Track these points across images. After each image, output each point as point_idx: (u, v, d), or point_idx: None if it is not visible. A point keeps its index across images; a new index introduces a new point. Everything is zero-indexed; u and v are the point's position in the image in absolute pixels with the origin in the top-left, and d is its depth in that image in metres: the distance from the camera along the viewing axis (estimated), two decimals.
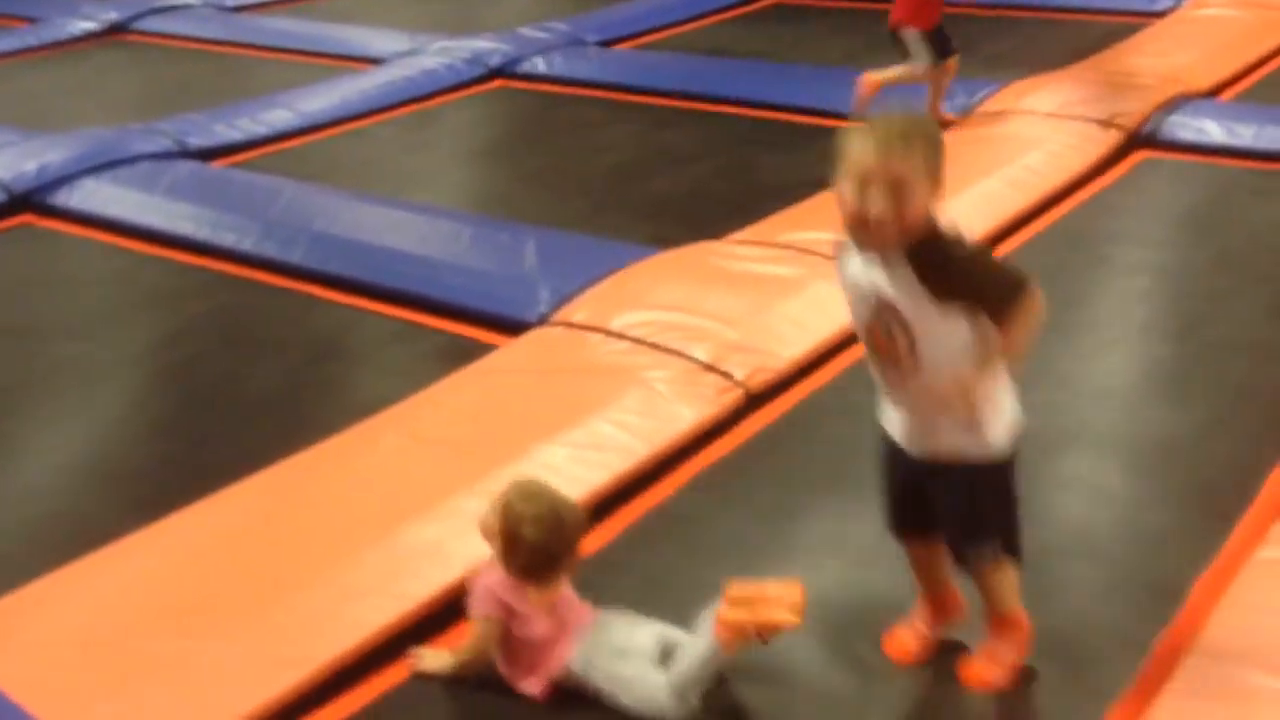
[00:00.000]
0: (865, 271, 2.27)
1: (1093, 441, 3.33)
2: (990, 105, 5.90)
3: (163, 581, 2.77)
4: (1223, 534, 2.85)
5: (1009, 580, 2.44)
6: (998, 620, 2.47)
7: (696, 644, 2.37)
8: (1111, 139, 5.40)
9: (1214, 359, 3.73)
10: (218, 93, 7.10)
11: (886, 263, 2.23)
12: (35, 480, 3.47)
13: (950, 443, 2.32)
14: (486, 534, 2.53)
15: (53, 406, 3.85)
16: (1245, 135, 5.33)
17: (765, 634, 2.33)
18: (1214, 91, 6.11)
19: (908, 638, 2.57)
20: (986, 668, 2.47)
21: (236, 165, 5.91)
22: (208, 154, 5.94)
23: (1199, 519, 2.94)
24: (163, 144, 5.87)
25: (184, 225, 4.97)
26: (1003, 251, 4.52)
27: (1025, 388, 3.64)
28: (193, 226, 4.94)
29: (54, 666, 2.51)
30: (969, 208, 4.68)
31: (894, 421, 2.42)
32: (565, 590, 2.54)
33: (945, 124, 5.59)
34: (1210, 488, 3.07)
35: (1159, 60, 6.31)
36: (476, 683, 2.52)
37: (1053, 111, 5.64)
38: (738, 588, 2.40)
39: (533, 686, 2.48)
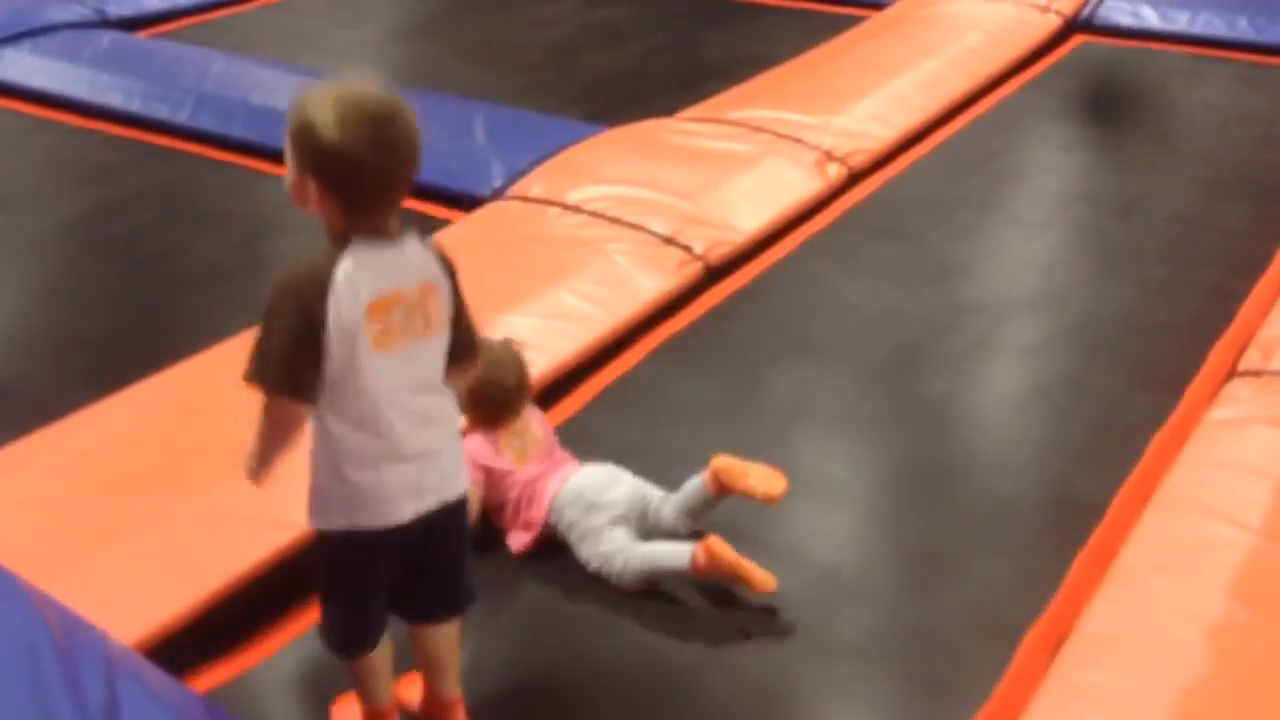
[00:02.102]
0: None
1: (1044, 312, 3.41)
2: None
3: (134, 448, 2.73)
4: (1174, 398, 2.96)
5: (349, 670, 2.07)
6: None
7: (672, 554, 2.38)
8: (1050, 23, 5.45)
9: (1158, 233, 3.83)
10: None
11: None
12: None
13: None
14: None
15: None
16: (1180, 20, 5.42)
17: (738, 583, 2.35)
18: None
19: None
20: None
21: (159, 36, 5.70)
22: (128, 24, 5.73)
23: (1151, 385, 3.05)
24: (81, 12, 5.64)
25: (113, 97, 4.79)
26: (949, 132, 4.57)
27: (976, 262, 3.75)
28: (122, 98, 4.77)
29: (28, 527, 2.47)
30: (914, 88, 4.72)
31: None
32: (545, 445, 2.58)
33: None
34: (1160, 357, 3.17)
35: None
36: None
37: None
38: (723, 461, 2.46)
39: (516, 541, 2.52)
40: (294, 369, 1.78)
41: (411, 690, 2.18)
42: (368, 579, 1.96)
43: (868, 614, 2.39)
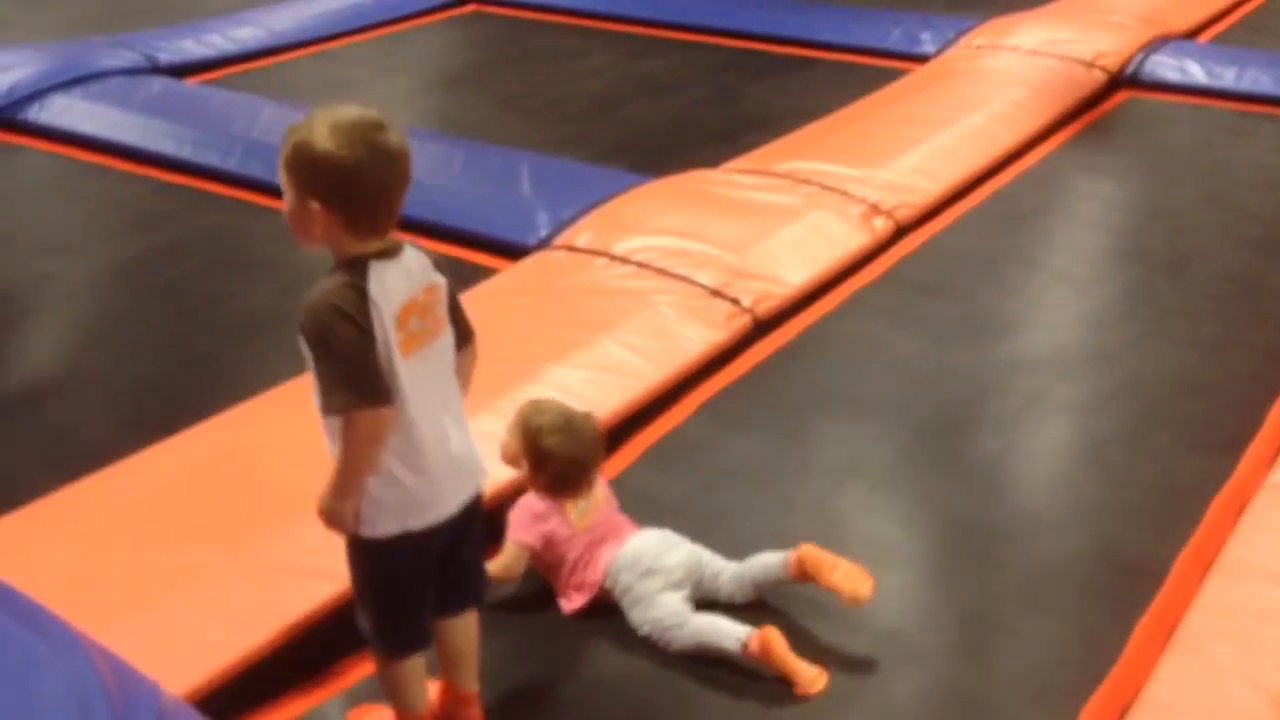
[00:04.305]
0: None
1: (1095, 370, 3.37)
2: (973, 39, 5.91)
3: (183, 495, 2.73)
4: (1232, 460, 2.91)
5: (383, 670, 2.12)
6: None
7: (724, 633, 2.34)
8: (1095, 79, 5.44)
9: (1209, 293, 3.79)
10: (179, 7, 6.92)
11: None
12: (29, 396, 3.39)
13: None
14: (509, 459, 2.54)
15: (37, 322, 3.76)
16: (1226, 77, 5.39)
17: (785, 680, 2.30)
18: (1192, 33, 6.17)
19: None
20: None
21: (208, 83, 5.76)
22: (179, 70, 5.80)
23: (1208, 447, 3.00)
24: (132, 59, 5.71)
25: (164, 143, 4.85)
26: (993, 188, 4.55)
27: (1025, 319, 3.71)
28: (174, 145, 4.82)
29: (77, 574, 2.47)
30: (959, 142, 4.71)
31: None
32: (605, 507, 2.55)
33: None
34: (1216, 418, 3.13)
35: (1135, 0, 6.33)
36: (502, 621, 2.50)
37: (1035, 49, 5.66)
38: (812, 551, 2.42)
39: (569, 603, 2.49)
40: (373, 375, 1.85)
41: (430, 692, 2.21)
42: (423, 578, 2.03)
43: (922, 678, 2.34)
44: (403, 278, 1.90)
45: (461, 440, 2.01)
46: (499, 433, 2.59)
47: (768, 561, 2.46)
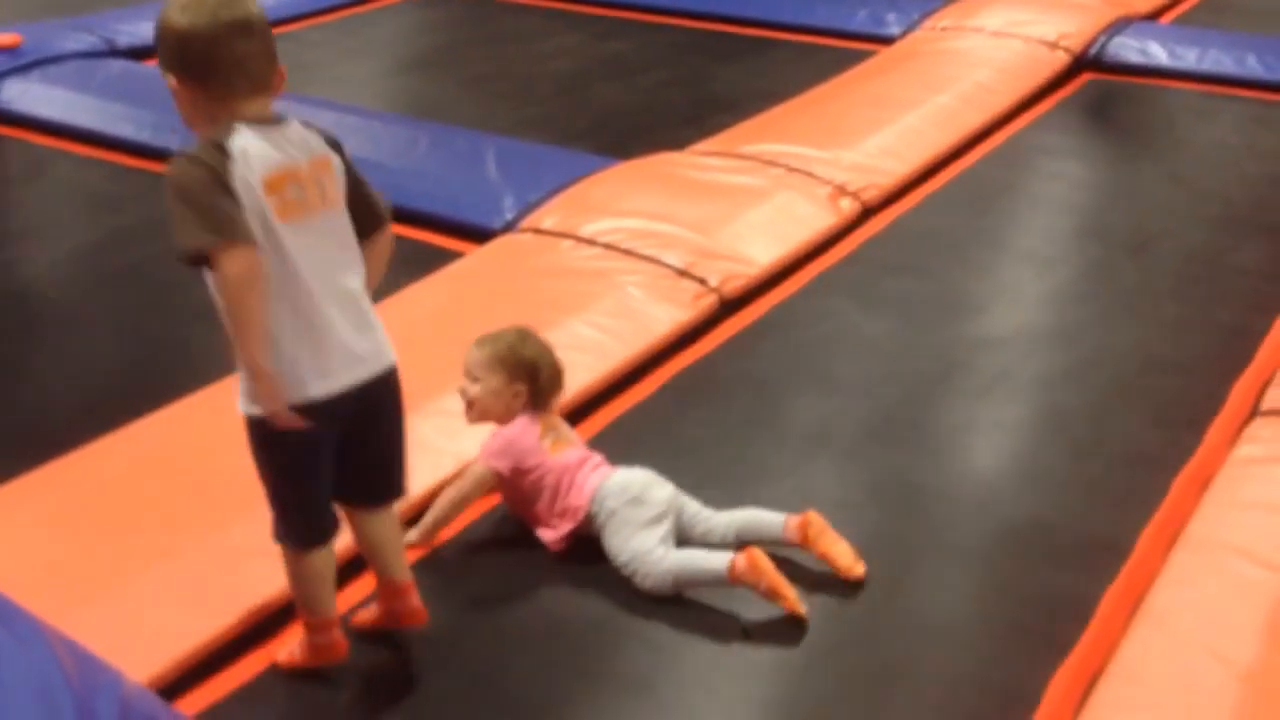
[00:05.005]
0: None
1: (1059, 348, 3.39)
2: (938, 21, 5.93)
3: (146, 481, 2.70)
4: (1196, 437, 2.93)
5: (292, 570, 2.15)
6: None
7: (711, 557, 2.40)
8: (1059, 60, 5.46)
9: (1172, 271, 3.82)
10: None
11: None
12: None
13: None
14: (485, 403, 2.58)
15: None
16: (1188, 58, 5.42)
17: (772, 598, 2.35)
18: (1154, 14, 6.20)
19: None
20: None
21: None
22: (138, 53, 5.71)
23: (1171, 423, 3.02)
24: (90, 42, 5.64)
25: (123, 127, 4.79)
26: (958, 169, 4.57)
27: (991, 297, 3.73)
28: (133, 128, 4.76)
29: (38, 561, 2.44)
30: (924, 123, 4.72)
31: None
32: (578, 443, 2.63)
33: None
34: (1179, 396, 3.15)
35: None
36: (478, 563, 2.57)
37: (999, 30, 5.68)
38: (819, 520, 2.47)
39: (550, 534, 2.53)
40: (233, 216, 1.85)
41: (369, 613, 2.30)
42: (313, 459, 2.04)
43: (881, 648, 2.35)
44: (277, 144, 1.94)
45: (357, 322, 2.02)
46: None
47: (764, 517, 2.51)
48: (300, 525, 2.10)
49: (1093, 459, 2.91)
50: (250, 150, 1.90)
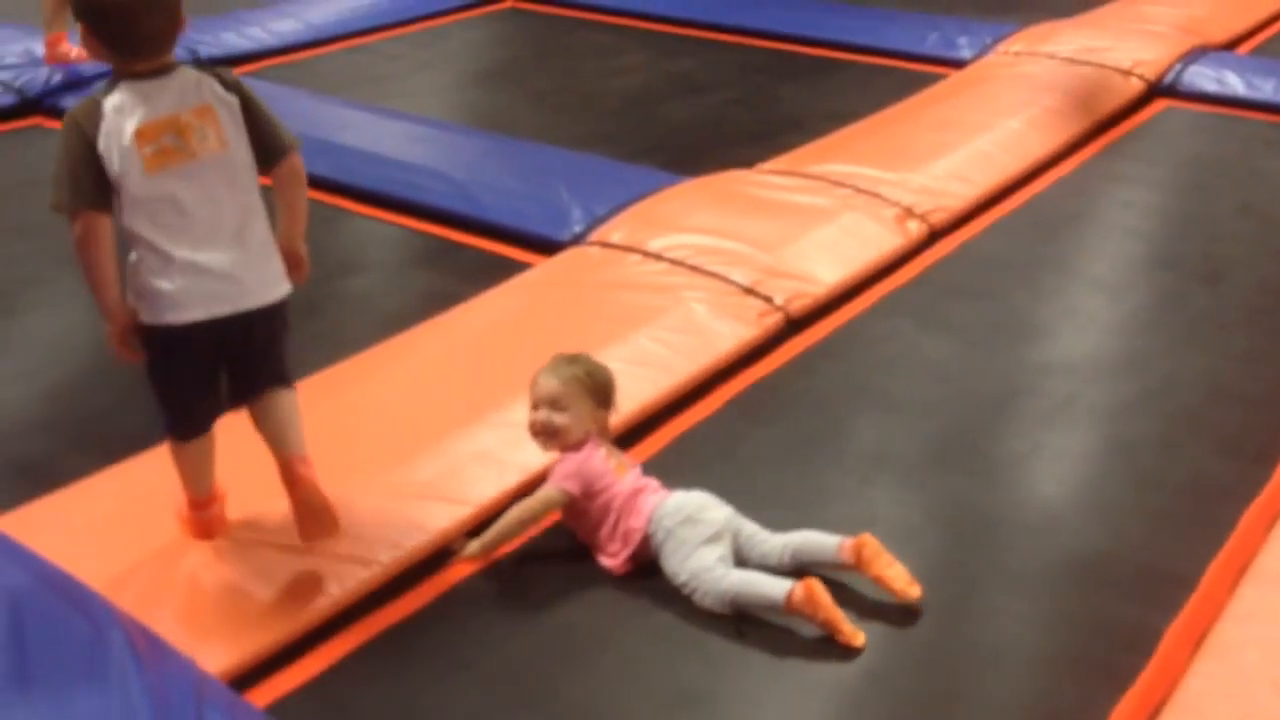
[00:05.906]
0: None
1: (1126, 377, 3.36)
2: (1010, 46, 5.90)
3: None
4: (1265, 470, 2.90)
5: (175, 456, 2.47)
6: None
7: (770, 583, 2.40)
8: (1133, 87, 5.42)
9: (1243, 303, 3.77)
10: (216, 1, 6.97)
11: None
12: (58, 373, 3.44)
13: None
14: (580, 422, 2.62)
15: (71, 303, 3.80)
16: (1265, 89, 5.36)
17: (828, 629, 2.36)
18: (1231, 44, 6.14)
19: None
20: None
21: (247, 75, 5.80)
22: (220, 63, 5.80)
23: (1240, 455, 2.98)
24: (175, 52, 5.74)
25: None
26: (1027, 195, 4.54)
27: (1058, 324, 3.70)
28: None
29: (112, 558, 2.50)
30: (994, 147, 4.70)
31: None
32: (635, 467, 2.67)
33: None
34: (1248, 428, 3.11)
35: (1175, 11, 6.31)
36: (538, 576, 2.58)
37: (1073, 56, 5.64)
38: (874, 542, 2.47)
39: (613, 559, 2.56)
40: (80, 185, 2.16)
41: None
42: (190, 371, 2.34)
43: (939, 674, 2.34)
44: (157, 94, 2.20)
45: (237, 258, 2.26)
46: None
47: (819, 539, 2.51)
48: (174, 420, 2.41)
49: (1159, 489, 2.88)
50: (125, 104, 2.17)
